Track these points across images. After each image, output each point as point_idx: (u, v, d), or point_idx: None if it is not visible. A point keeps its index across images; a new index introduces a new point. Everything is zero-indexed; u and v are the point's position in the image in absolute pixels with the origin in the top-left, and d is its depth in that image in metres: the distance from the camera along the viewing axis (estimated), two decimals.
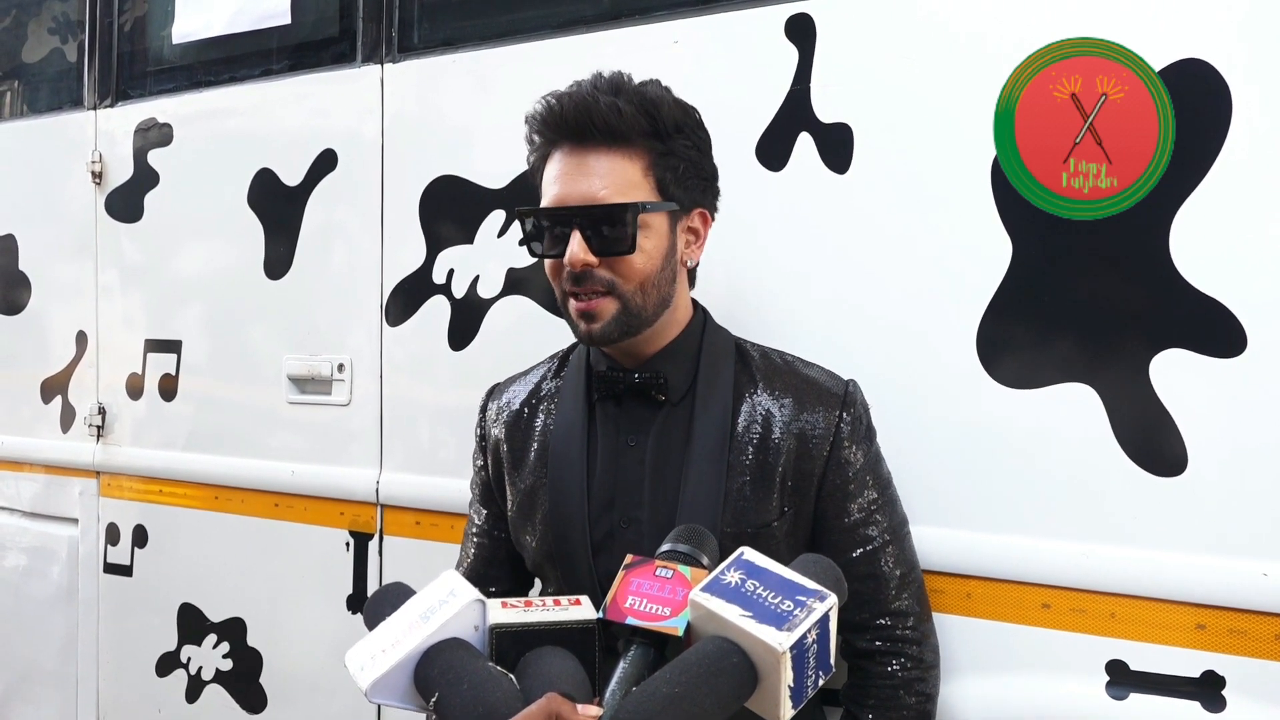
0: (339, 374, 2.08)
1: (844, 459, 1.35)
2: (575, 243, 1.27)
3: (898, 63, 1.51)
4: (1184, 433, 1.33)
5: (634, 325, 1.32)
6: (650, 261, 1.31)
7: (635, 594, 1.03)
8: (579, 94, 1.30)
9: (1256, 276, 1.30)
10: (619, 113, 1.28)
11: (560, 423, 1.41)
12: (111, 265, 2.45)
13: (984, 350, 1.45)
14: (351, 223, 2.06)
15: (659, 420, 1.37)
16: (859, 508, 1.35)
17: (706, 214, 1.40)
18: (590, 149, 1.29)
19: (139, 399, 2.40)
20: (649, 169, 1.31)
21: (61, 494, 2.56)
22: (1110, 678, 1.38)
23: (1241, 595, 1.31)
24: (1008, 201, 1.43)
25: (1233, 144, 1.30)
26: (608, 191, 1.28)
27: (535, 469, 1.42)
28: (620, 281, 1.30)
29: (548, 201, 1.33)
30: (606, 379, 1.38)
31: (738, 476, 1.32)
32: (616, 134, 1.29)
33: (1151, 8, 1.35)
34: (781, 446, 1.33)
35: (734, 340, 1.43)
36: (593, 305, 1.30)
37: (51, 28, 2.64)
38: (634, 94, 1.31)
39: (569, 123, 1.30)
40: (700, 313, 1.44)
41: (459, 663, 0.99)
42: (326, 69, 2.09)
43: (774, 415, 1.35)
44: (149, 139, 2.36)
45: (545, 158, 1.35)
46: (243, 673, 2.23)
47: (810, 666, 0.97)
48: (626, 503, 1.35)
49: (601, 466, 1.37)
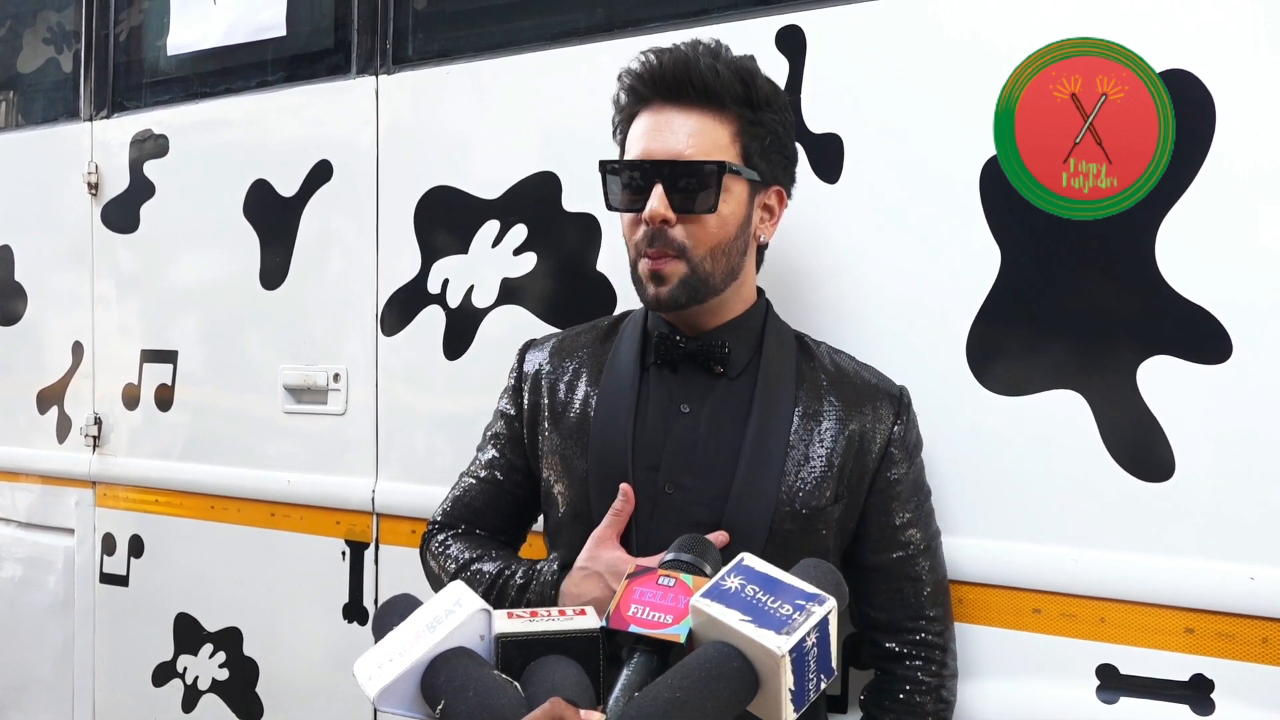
0: (334, 383, 2.09)
1: (896, 461, 1.36)
2: (656, 197, 1.28)
3: (888, 73, 1.53)
4: (1171, 439, 1.35)
5: (701, 292, 1.31)
6: (725, 227, 1.31)
7: (638, 602, 1.04)
8: (679, 52, 1.31)
9: (1242, 284, 1.31)
10: (716, 74, 1.29)
11: (609, 382, 1.39)
12: (107, 276, 2.46)
13: (973, 357, 1.47)
14: (347, 233, 2.08)
15: (717, 391, 1.36)
16: (904, 510, 1.36)
17: (784, 193, 1.41)
18: (682, 107, 1.30)
19: (135, 409, 2.41)
20: (737, 135, 1.31)
21: (57, 504, 2.57)
22: (1100, 682, 1.39)
23: (1229, 599, 1.32)
24: (999, 207, 1.45)
25: (1218, 151, 1.32)
26: (694, 150, 1.29)
27: (578, 426, 1.39)
28: (692, 245, 1.29)
29: (633, 155, 1.33)
30: (666, 341, 1.37)
31: (797, 458, 1.32)
32: (711, 94, 1.29)
33: (1150, 13, 1.37)
34: (839, 439, 1.33)
35: (795, 331, 1.44)
36: (663, 266, 1.30)
37: (46, 38, 2.66)
38: (731, 60, 1.33)
39: (667, 78, 1.30)
40: (765, 299, 1.44)
41: (465, 671, 1.00)
42: (322, 80, 2.11)
43: (834, 409, 1.35)
44: (145, 150, 2.37)
45: (633, 116, 1.35)
46: (239, 682, 2.24)
47: (811, 670, 0.98)
48: (674, 468, 1.33)
49: (650, 430, 1.35)
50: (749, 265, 1.39)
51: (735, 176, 1.31)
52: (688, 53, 1.31)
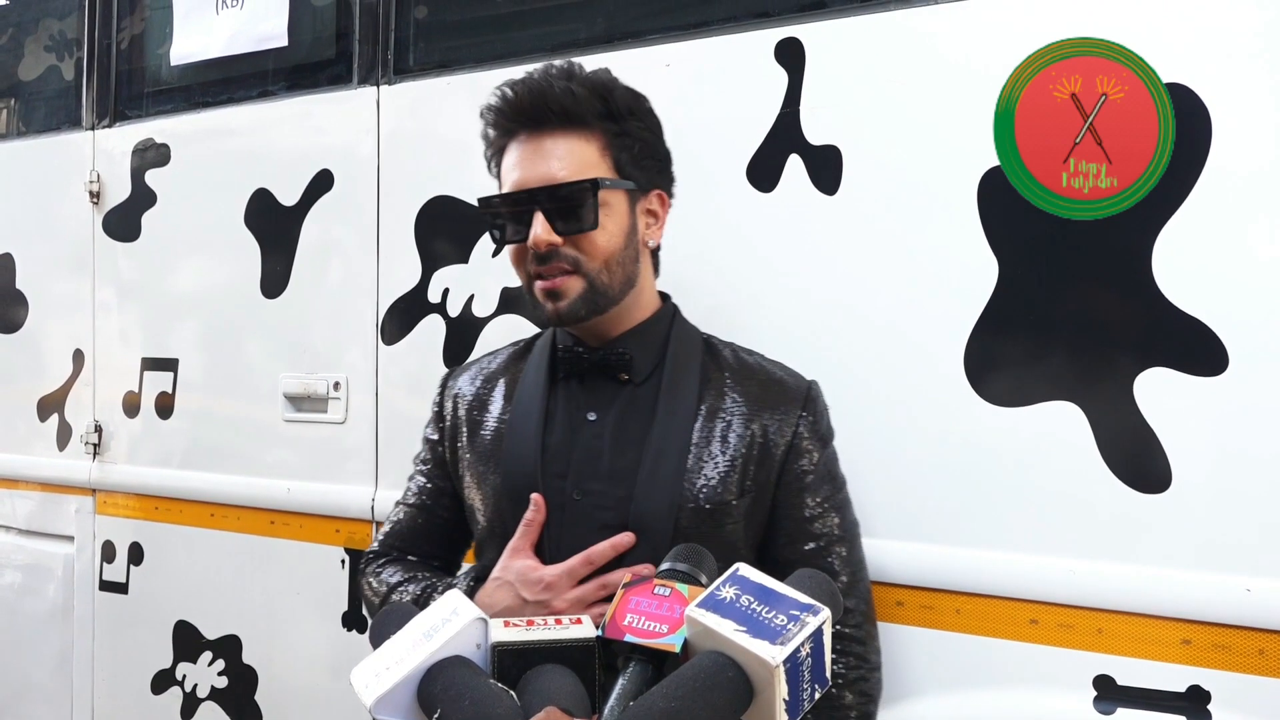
0: (335, 392, 2.10)
1: (803, 453, 1.37)
2: (538, 223, 1.30)
3: (886, 85, 1.54)
4: (1168, 451, 1.36)
5: (600, 303, 1.34)
6: (613, 239, 1.33)
7: (634, 612, 1.05)
8: (532, 80, 1.34)
9: (1238, 297, 1.32)
10: (573, 95, 1.31)
11: (520, 398, 1.42)
12: (109, 284, 2.47)
13: (971, 368, 1.47)
14: (347, 242, 2.09)
15: (622, 398, 1.38)
16: (814, 503, 1.37)
17: (664, 195, 1.43)
18: (547, 133, 1.32)
19: (135, 417, 2.42)
20: (605, 149, 1.34)
21: (57, 511, 2.57)
22: (1098, 693, 1.39)
23: (1226, 611, 1.33)
24: (997, 218, 1.45)
25: (1214, 164, 1.33)
26: (566, 171, 1.31)
27: (492, 443, 1.43)
28: (585, 259, 1.32)
29: (508, 188, 1.35)
30: (570, 354, 1.40)
31: (700, 456, 1.34)
32: (572, 116, 1.32)
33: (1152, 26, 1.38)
34: (744, 437, 1.35)
35: (702, 334, 1.46)
36: (558, 283, 1.32)
37: (48, 45, 2.66)
38: (586, 78, 1.35)
39: (525, 109, 1.32)
40: (670, 305, 1.46)
41: (461, 680, 1.01)
42: (323, 90, 2.12)
43: (739, 407, 1.37)
44: (146, 159, 2.38)
45: (502, 150, 1.38)
46: (238, 690, 2.24)
47: (805, 680, 0.98)
48: (581, 474, 1.36)
49: (557, 439, 1.38)
50: (644, 271, 1.41)
51: (611, 190, 1.33)
52: (541, 80, 1.33)
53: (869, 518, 1.53)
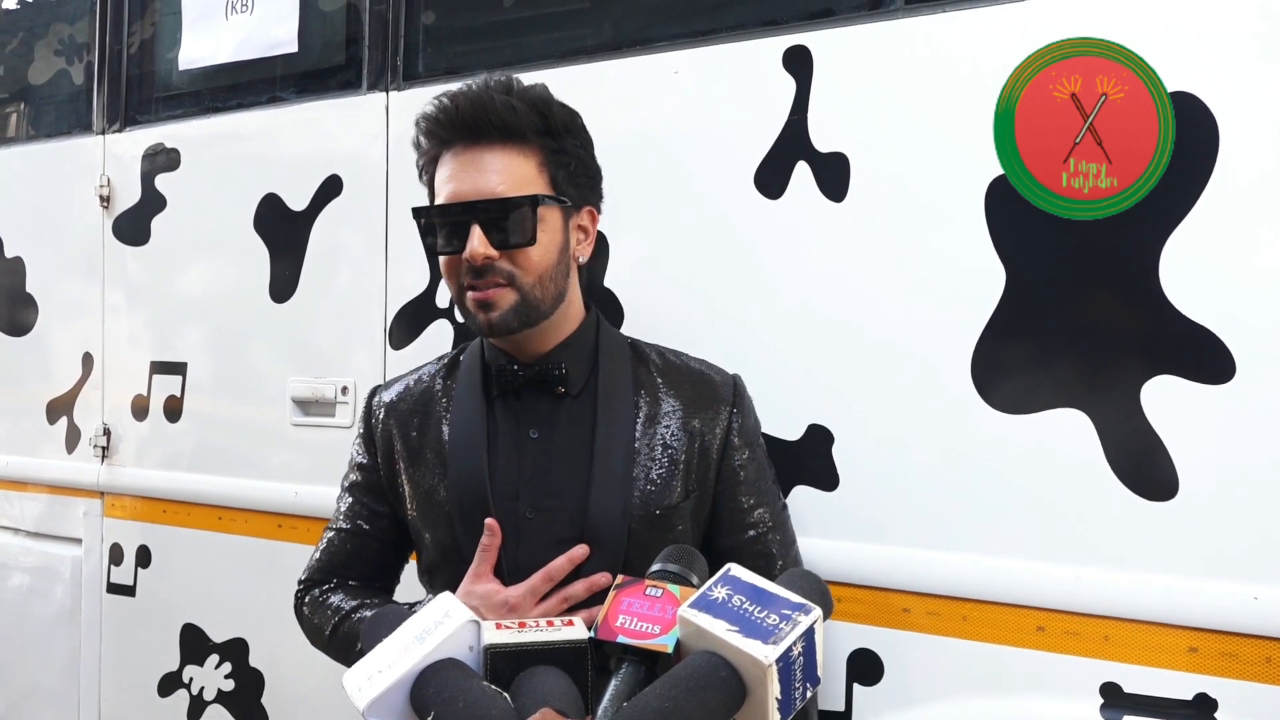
0: (343, 396, 2.10)
1: (737, 448, 1.42)
2: (476, 237, 1.31)
3: (894, 92, 1.54)
4: (1175, 458, 1.36)
5: (532, 316, 1.36)
6: (547, 255, 1.35)
7: (626, 613, 1.05)
8: (473, 93, 1.34)
9: (1245, 305, 1.32)
10: (514, 110, 1.32)
11: (458, 419, 1.43)
12: (118, 287, 2.48)
13: (979, 375, 1.48)
14: (356, 247, 2.09)
15: (561, 412, 1.40)
16: (750, 494, 1.42)
17: (595, 212, 1.45)
18: (485, 146, 1.33)
19: (144, 420, 2.42)
20: (543, 165, 1.35)
21: (65, 514, 2.58)
22: (1104, 700, 1.39)
23: (1233, 618, 1.33)
24: (1004, 223, 1.45)
25: (1221, 172, 1.33)
26: (505, 186, 1.32)
27: (434, 467, 1.43)
28: (520, 274, 1.33)
29: (443, 199, 1.35)
30: (505, 373, 1.40)
31: (644, 462, 1.37)
32: (511, 131, 1.33)
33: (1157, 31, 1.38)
34: (682, 436, 1.39)
35: (627, 339, 1.49)
36: (490, 295, 1.33)
37: (58, 49, 2.68)
38: (525, 93, 1.36)
39: (465, 120, 1.33)
40: (594, 312, 1.48)
41: (454, 682, 1.01)
42: (333, 96, 2.13)
43: (674, 408, 1.41)
44: (156, 164, 2.39)
45: (436, 159, 1.38)
46: (245, 693, 2.24)
47: (797, 679, 0.99)
48: (533, 492, 1.38)
49: (504, 459, 1.39)
50: (573, 284, 1.43)
51: (549, 206, 1.34)
52: (481, 93, 1.34)
53: (877, 525, 1.54)
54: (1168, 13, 1.36)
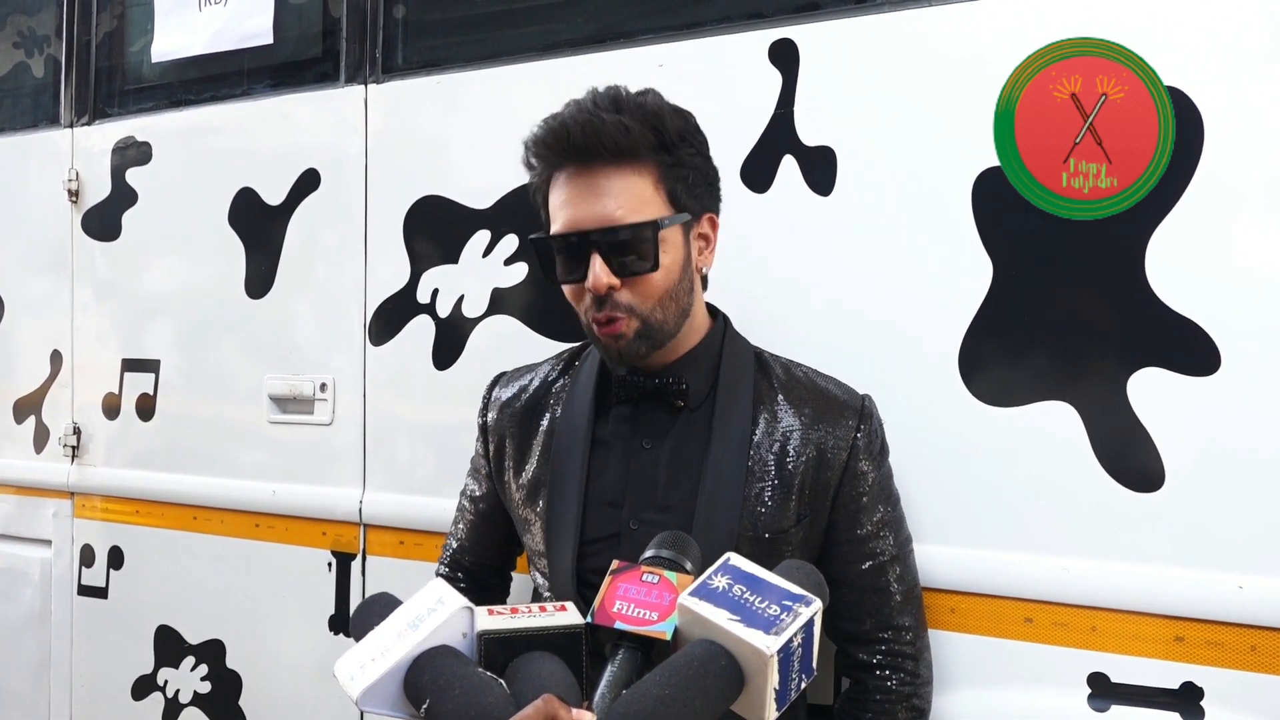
0: (321, 393, 2.08)
1: (859, 472, 1.36)
2: (597, 266, 1.26)
3: (881, 85, 1.54)
4: (1161, 449, 1.37)
5: (658, 339, 1.32)
6: (670, 276, 1.30)
7: (623, 599, 1.04)
8: (583, 114, 1.28)
9: (1230, 298, 1.33)
10: (626, 131, 1.26)
11: (567, 420, 1.41)
12: (87, 283, 2.43)
13: (966, 368, 1.48)
14: (334, 242, 2.06)
15: (677, 425, 1.37)
16: (870, 521, 1.36)
17: (714, 218, 1.40)
18: (598, 168, 1.28)
19: (115, 419, 2.38)
20: (659, 182, 1.30)
21: (34, 515, 2.52)
22: (1092, 690, 1.40)
23: (1218, 608, 1.34)
24: (993, 216, 1.46)
25: (1206, 166, 1.34)
26: (624, 211, 1.27)
27: (540, 463, 1.43)
28: (639, 302, 1.29)
29: (561, 226, 1.30)
30: (626, 383, 1.38)
31: (756, 482, 1.33)
32: (625, 151, 1.27)
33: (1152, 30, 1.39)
34: (800, 456, 1.34)
35: (754, 349, 1.44)
36: (616, 327, 1.30)
37: (16, 42, 2.62)
38: (636, 109, 1.29)
39: (576, 144, 1.27)
40: (721, 320, 1.44)
41: (449, 669, 1.00)
42: (309, 89, 2.09)
43: (793, 425, 1.35)
44: (127, 157, 2.35)
45: (549, 180, 1.33)
46: (222, 695, 2.21)
47: (795, 669, 0.99)
48: (638, 504, 1.35)
49: (613, 467, 1.37)
50: (698, 296, 1.40)
51: (669, 227, 1.30)
52: (592, 114, 1.27)
53: None
54: (1168, 13, 1.37)
